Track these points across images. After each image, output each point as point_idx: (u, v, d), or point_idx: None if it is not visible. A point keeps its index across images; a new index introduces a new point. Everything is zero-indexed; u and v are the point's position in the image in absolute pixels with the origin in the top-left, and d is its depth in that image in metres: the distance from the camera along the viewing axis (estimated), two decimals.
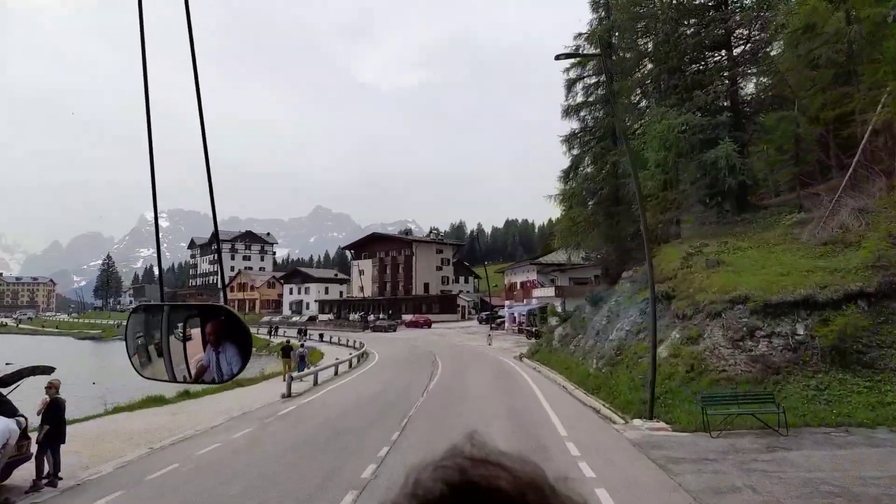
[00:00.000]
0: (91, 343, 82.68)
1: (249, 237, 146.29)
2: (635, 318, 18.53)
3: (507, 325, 65.94)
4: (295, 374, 21.34)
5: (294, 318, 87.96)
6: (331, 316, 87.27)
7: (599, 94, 28.67)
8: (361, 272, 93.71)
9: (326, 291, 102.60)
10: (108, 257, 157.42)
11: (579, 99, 28.82)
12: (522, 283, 62.85)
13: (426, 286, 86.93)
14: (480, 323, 76.38)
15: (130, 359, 2.06)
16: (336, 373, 27.16)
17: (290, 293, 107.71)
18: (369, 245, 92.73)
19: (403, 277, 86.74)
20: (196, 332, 2.00)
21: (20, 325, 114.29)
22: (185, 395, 19.70)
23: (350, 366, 30.66)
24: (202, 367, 1.96)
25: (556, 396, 18.31)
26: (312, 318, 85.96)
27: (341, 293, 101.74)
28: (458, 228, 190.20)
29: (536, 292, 57.66)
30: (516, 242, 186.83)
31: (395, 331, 68.32)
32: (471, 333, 61.21)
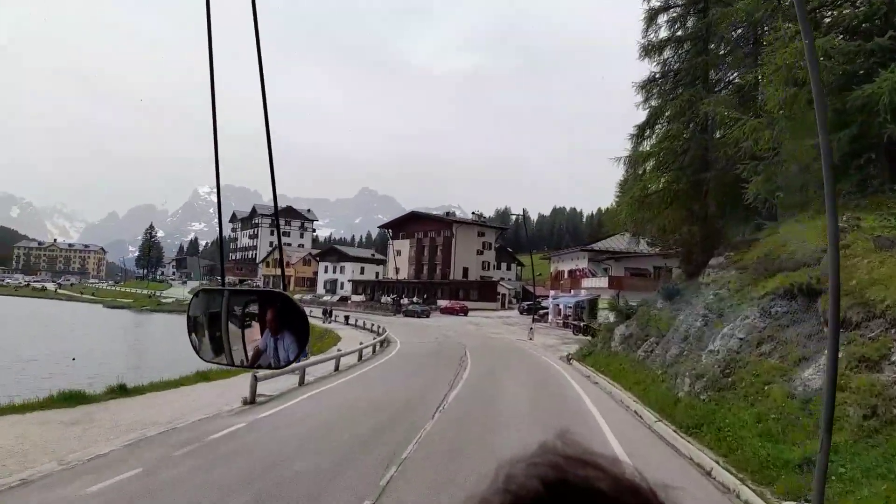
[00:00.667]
0: (120, 312, 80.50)
1: (290, 213, 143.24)
2: (754, 322, 12.43)
3: (550, 317, 59.87)
4: (263, 372, 15.90)
5: (325, 298, 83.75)
6: (363, 297, 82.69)
7: (690, 29, 22.23)
8: (398, 253, 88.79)
9: (362, 272, 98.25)
10: (151, 227, 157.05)
11: (662, 35, 22.43)
12: (571, 272, 56.57)
13: (465, 271, 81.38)
14: (521, 313, 70.45)
15: (191, 340, 2.09)
16: (337, 367, 21.88)
17: (325, 272, 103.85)
18: (408, 224, 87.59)
19: (441, 260, 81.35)
20: (256, 317, 2.04)
21: (58, 291, 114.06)
22: (122, 391, 14.68)
23: (360, 357, 25.37)
24: (258, 351, 1.99)
25: (628, 429, 12.48)
26: (344, 299, 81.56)
27: (377, 274, 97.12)
28: (503, 214, 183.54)
29: (586, 282, 51.37)
30: (563, 231, 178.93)
31: (427, 317, 63.08)
32: (510, 325, 55.39)
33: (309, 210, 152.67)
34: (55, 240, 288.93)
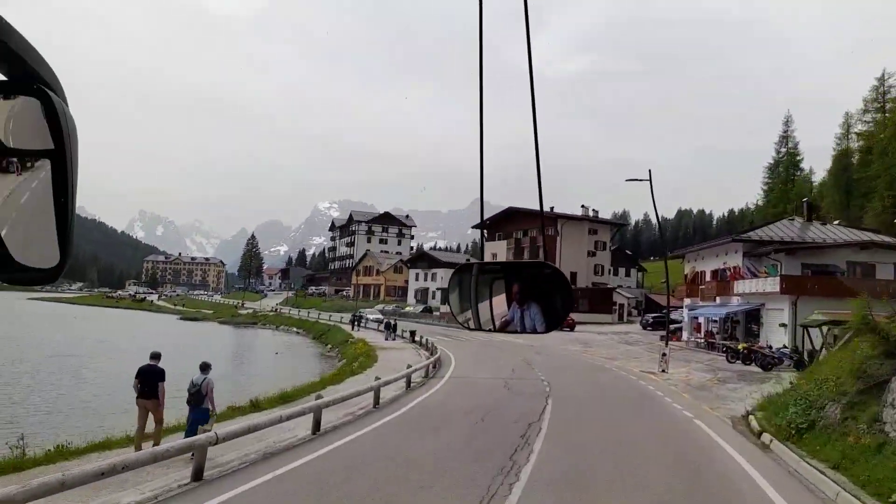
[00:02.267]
0: (187, 323, 74.58)
1: (387, 219, 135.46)
2: None
3: (685, 335, 44.82)
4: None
5: (407, 309, 73.03)
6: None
7: None
8: (493, 256, 76.38)
9: None
10: (252, 237, 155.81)
11: None
12: (715, 273, 41.40)
13: (573, 276, 67.35)
14: (645, 328, 55.47)
15: (450, 307, 2.27)
16: (317, 430, 10.08)
17: (416, 279, 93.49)
18: (504, 223, 74.89)
19: None
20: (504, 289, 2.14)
21: (153, 302, 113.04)
22: None
23: (375, 401, 13.52)
24: (506, 321, 2.10)
25: None
26: (428, 310, 70.32)
27: None
28: (621, 217, 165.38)
29: (741, 286, 36.25)
30: (690, 235, 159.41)
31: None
32: (629, 344, 41.15)
33: (407, 216, 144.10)
34: (179, 254, 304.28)
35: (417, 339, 37.91)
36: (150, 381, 10.81)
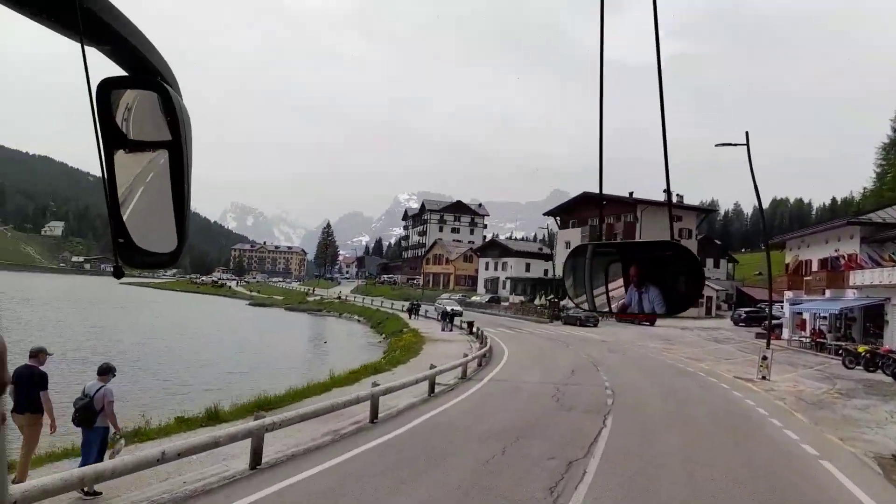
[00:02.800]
0: (256, 309, 74.34)
1: (458, 208, 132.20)
2: None
3: (786, 333, 38.76)
4: None
5: (474, 298, 69.42)
6: (524, 298, 66.83)
7: None
8: (567, 245, 71.47)
9: (527, 268, 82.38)
10: (328, 226, 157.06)
11: None
12: (825, 262, 35.19)
13: None
14: (736, 324, 49.30)
15: (567, 288, 2.24)
16: (256, 463, 6.80)
17: (486, 269, 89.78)
18: (579, 209, 69.61)
19: None
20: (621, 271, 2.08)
21: (230, 288, 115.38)
22: None
23: (373, 416, 10.31)
24: (623, 304, 2.03)
25: None
26: (496, 300, 66.41)
27: (546, 272, 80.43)
28: (710, 206, 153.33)
29: (859, 277, 30.20)
30: (786, 225, 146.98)
31: (595, 325, 45.45)
32: (718, 342, 35.81)
33: (480, 205, 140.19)
34: (265, 242, 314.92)
35: (475, 330, 34.29)
36: (25, 389, 7.72)
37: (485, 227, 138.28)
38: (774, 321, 43.25)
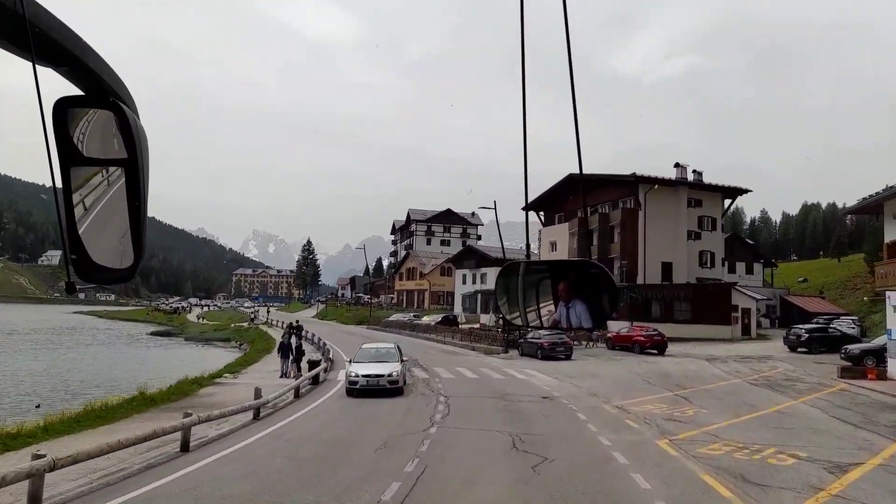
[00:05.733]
0: (151, 338, 58.83)
1: (448, 217, 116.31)
2: None
3: (890, 365, 21.74)
4: None
5: (424, 319, 53.02)
6: (495, 317, 50.26)
7: None
8: (552, 247, 54.94)
9: None
10: (308, 243, 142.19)
11: None
12: None
13: (666, 268, 44.69)
14: (794, 349, 32.01)
15: (500, 306, 2.31)
16: None
17: (464, 282, 73.38)
18: (565, 200, 53.03)
19: (621, 249, 45.60)
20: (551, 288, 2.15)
21: (184, 315, 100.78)
22: None
23: None
24: (553, 319, 2.12)
25: None
26: (450, 320, 49.88)
27: None
28: (734, 216, 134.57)
29: None
30: (819, 232, 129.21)
31: (568, 358, 28.95)
32: (776, 389, 18.64)
33: (473, 214, 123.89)
34: (265, 267, 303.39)
35: (324, 373, 18.03)
36: None
37: (479, 238, 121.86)
38: (856, 346, 26.45)
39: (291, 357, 21.86)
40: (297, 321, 40.42)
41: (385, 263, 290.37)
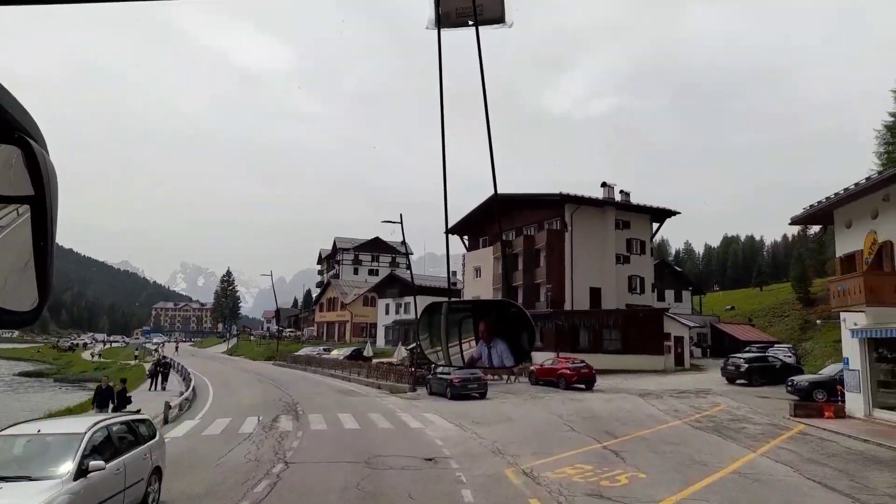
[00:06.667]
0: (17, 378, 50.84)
1: (376, 246, 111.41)
2: None
3: (851, 400, 18.55)
4: None
5: (334, 353, 47.85)
6: (399, 352, 45.65)
7: None
8: (478, 271, 51.18)
9: None
10: (228, 273, 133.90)
11: None
12: None
13: (594, 293, 41.45)
14: (732, 381, 28.78)
15: (421, 343, 2.30)
16: None
17: (387, 312, 68.63)
18: (489, 223, 49.51)
19: (546, 274, 42.15)
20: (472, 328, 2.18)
21: (78, 353, 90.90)
22: None
23: None
24: (473, 358, 2.12)
25: None
26: (359, 355, 44.95)
27: None
28: (660, 247, 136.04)
29: None
30: (739, 263, 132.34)
31: (483, 395, 24.63)
32: (726, 435, 14.76)
33: (403, 242, 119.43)
34: (190, 300, 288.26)
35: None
36: None
37: (408, 267, 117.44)
38: (804, 378, 23.56)
39: (111, 408, 16.54)
40: (165, 357, 34.91)
41: (315, 294, 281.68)
